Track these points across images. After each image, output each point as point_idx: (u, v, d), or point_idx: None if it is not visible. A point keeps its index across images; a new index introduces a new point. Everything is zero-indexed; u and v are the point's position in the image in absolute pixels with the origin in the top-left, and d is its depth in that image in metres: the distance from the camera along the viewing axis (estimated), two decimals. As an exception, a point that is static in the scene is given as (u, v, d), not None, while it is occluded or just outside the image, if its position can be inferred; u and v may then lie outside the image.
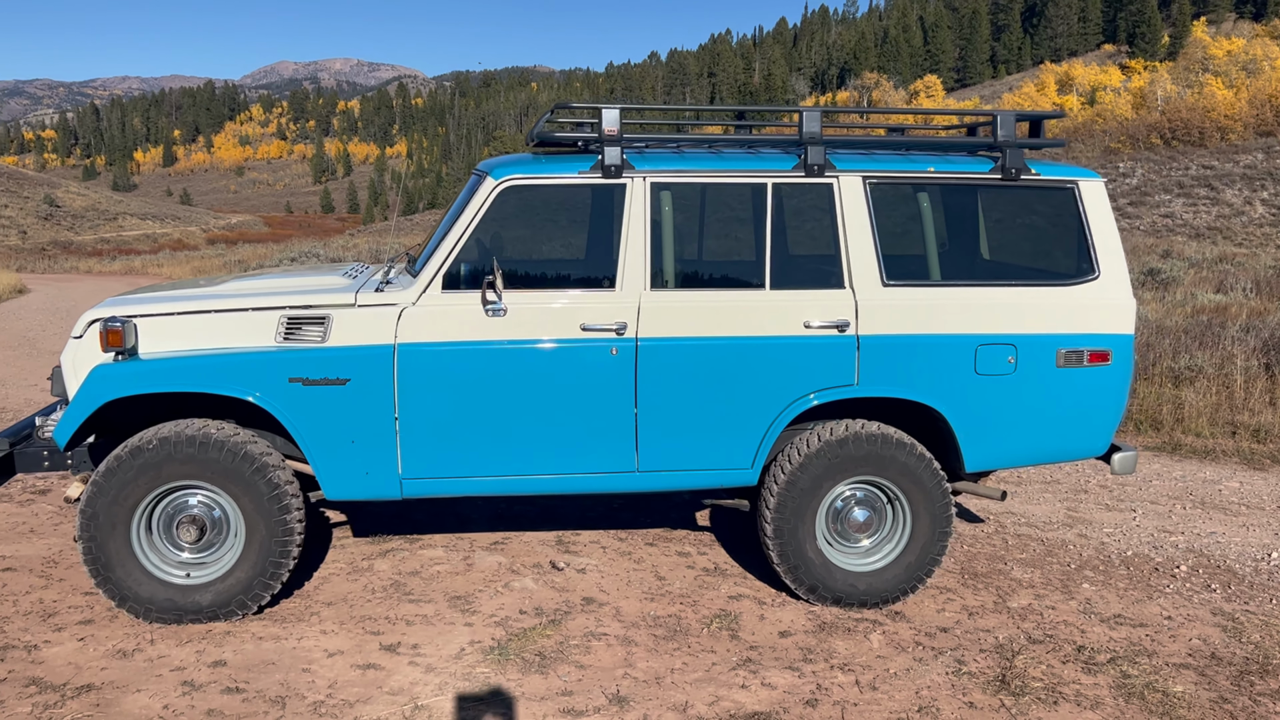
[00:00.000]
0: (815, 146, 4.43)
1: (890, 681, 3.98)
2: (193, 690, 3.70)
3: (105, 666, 3.87)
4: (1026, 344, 4.52)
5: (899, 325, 4.46)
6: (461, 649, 4.10)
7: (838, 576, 4.58)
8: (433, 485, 4.36)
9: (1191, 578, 5.23)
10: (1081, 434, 4.67)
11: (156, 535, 4.26)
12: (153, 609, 4.20)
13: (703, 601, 4.67)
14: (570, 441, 4.36)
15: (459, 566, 4.96)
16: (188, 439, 4.12)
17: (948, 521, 4.59)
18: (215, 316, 4.26)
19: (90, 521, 4.10)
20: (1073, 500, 6.61)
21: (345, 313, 4.24)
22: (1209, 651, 4.38)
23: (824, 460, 4.47)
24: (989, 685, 3.97)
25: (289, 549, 4.25)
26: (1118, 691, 3.97)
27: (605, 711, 3.65)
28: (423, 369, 4.22)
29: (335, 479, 4.28)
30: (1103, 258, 4.61)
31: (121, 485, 4.10)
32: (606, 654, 4.11)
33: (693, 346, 4.36)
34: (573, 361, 4.31)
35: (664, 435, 4.40)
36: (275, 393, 4.17)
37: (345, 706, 3.62)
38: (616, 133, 4.35)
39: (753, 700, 3.78)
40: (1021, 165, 4.53)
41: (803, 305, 4.43)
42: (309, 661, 3.96)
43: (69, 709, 3.54)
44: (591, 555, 5.18)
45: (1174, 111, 56.54)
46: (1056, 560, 5.41)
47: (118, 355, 4.16)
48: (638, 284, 4.36)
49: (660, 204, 4.40)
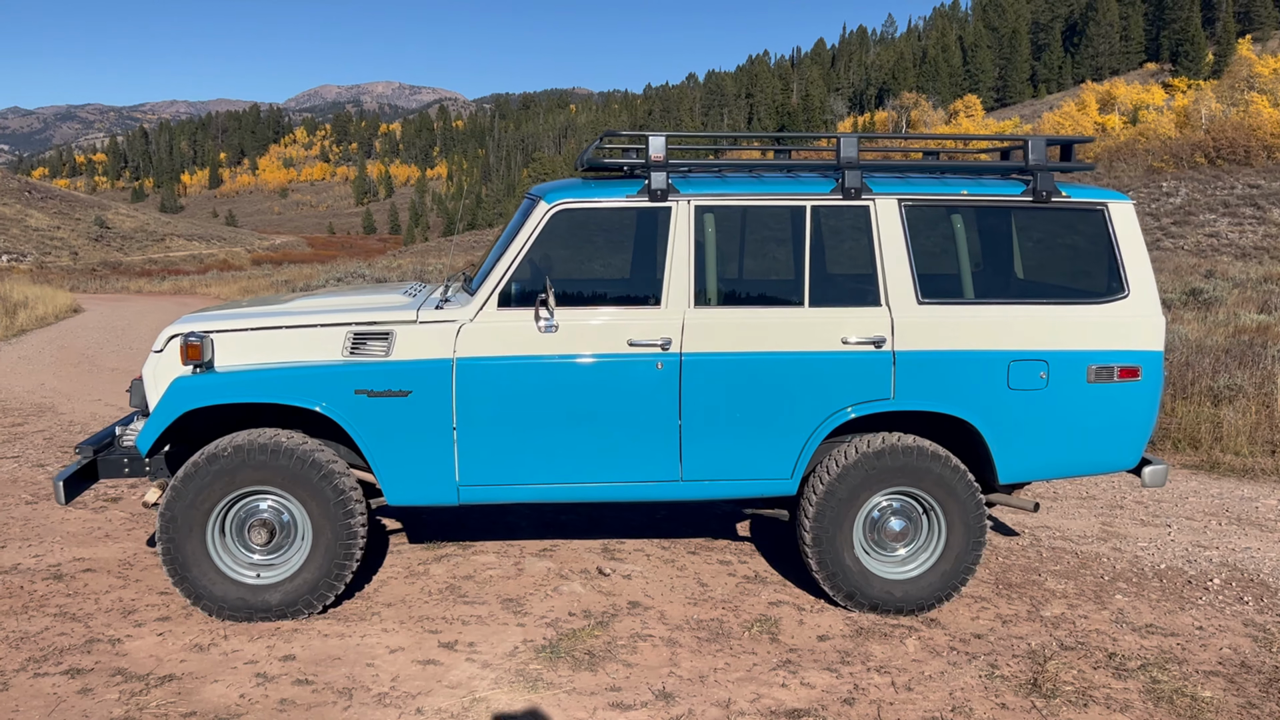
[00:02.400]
0: (852, 171, 4.64)
1: (925, 683, 4.15)
2: (266, 681, 3.95)
3: (184, 659, 4.13)
4: (1058, 360, 4.68)
5: (933, 341, 4.64)
6: (515, 647, 4.32)
7: (875, 584, 4.75)
8: (488, 492, 4.59)
9: (1224, 590, 5.34)
10: (1112, 448, 4.81)
11: (230, 538, 4.52)
12: (225, 607, 4.46)
13: (744, 607, 4.86)
14: (616, 451, 4.58)
15: (510, 571, 5.19)
16: (260, 447, 4.39)
17: (981, 531, 4.75)
18: (287, 332, 4.54)
19: (169, 524, 4.38)
20: (1108, 515, 6.72)
21: (408, 329, 4.50)
22: (1239, 660, 4.49)
23: (861, 471, 4.65)
24: (1021, 688, 4.13)
25: (352, 551, 4.50)
26: (1147, 696, 4.11)
27: (652, 706, 3.85)
28: (479, 382, 4.47)
29: (397, 486, 4.53)
30: (1132, 277, 4.77)
31: (199, 490, 4.38)
32: (652, 654, 4.31)
33: (734, 361, 4.57)
34: (620, 375, 4.53)
35: (706, 446, 4.61)
36: (342, 404, 4.43)
37: (408, 698, 3.85)
38: (663, 159, 4.59)
39: (792, 698, 3.96)
40: (1052, 188, 4.71)
41: (840, 322, 4.63)
42: (372, 657, 4.20)
43: (153, 696, 3.80)
44: (636, 562, 5.39)
45: (1219, 130, 56.00)
46: (1090, 572, 5.53)
47: (196, 368, 4.45)
48: (682, 301, 4.58)
49: (703, 225, 4.63)
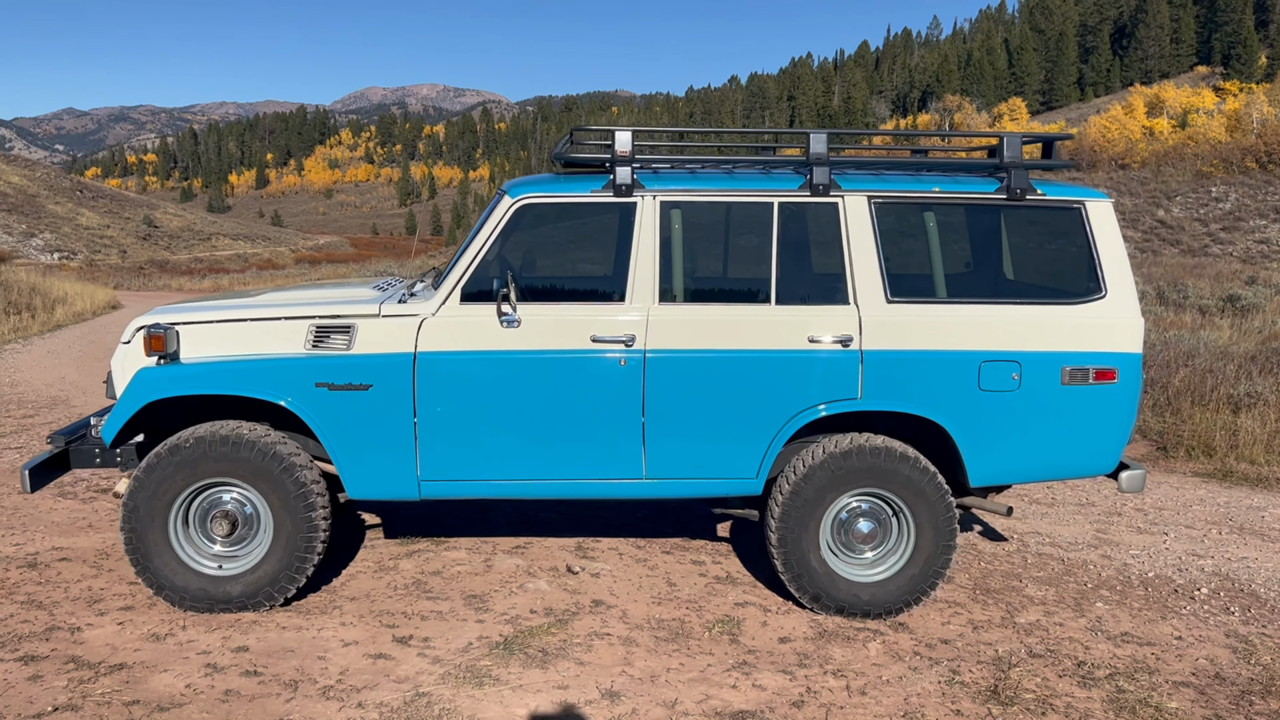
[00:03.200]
0: (821, 167, 4.57)
1: (880, 688, 4.07)
2: (214, 672, 3.96)
3: (139, 649, 4.15)
4: (1031, 361, 4.58)
5: (902, 341, 4.56)
6: (469, 643, 4.31)
7: (841, 586, 4.68)
8: (449, 488, 4.58)
9: (1211, 600, 5.20)
10: (1088, 451, 4.71)
11: (193, 529, 4.55)
12: (186, 598, 4.49)
13: (709, 607, 4.80)
14: (579, 448, 4.55)
15: (479, 568, 5.18)
16: (221, 439, 4.41)
17: (951, 535, 4.66)
18: (250, 325, 4.55)
19: (131, 514, 4.41)
20: (1104, 522, 6.57)
21: (369, 322, 4.50)
22: (1214, 671, 4.37)
23: (828, 472, 4.58)
24: (979, 695, 4.04)
25: (313, 544, 4.51)
26: (1110, 705, 4.01)
27: (596, 705, 3.81)
28: (440, 376, 4.46)
29: (358, 479, 4.53)
30: (1110, 277, 4.66)
31: (160, 480, 4.40)
32: (607, 652, 4.28)
33: (698, 359, 4.52)
34: (582, 371, 4.50)
35: (670, 444, 4.56)
36: (303, 397, 4.44)
37: (352, 691, 3.84)
38: (628, 153, 4.55)
39: (740, 700, 3.90)
40: (1026, 185, 4.61)
41: (807, 320, 4.56)
42: (325, 650, 4.20)
43: (100, 685, 3.83)
44: (608, 561, 5.35)
45: (1271, 134, 54.75)
46: (1074, 579, 5.42)
47: (160, 359, 4.48)
48: (646, 298, 4.54)
49: (670, 221, 4.59)
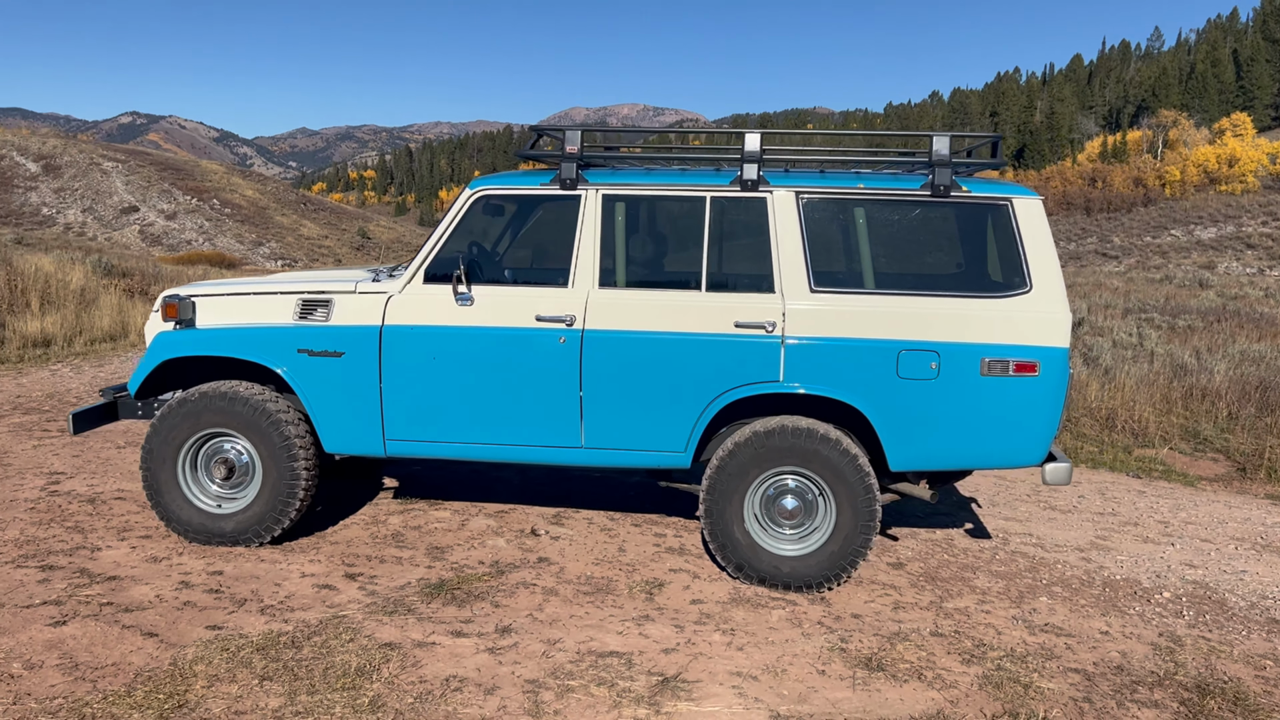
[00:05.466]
0: (750, 164, 4.90)
1: (760, 646, 4.35)
2: (185, 588, 4.66)
3: (135, 567, 4.91)
4: (949, 351, 4.75)
5: (824, 329, 4.82)
6: (408, 583, 4.85)
7: (764, 558, 4.96)
8: (410, 447, 5.15)
9: (1169, 604, 5.15)
10: (1009, 442, 4.81)
11: (200, 471, 5.30)
12: (190, 530, 5.23)
13: (644, 570, 5.18)
14: (524, 417, 5.03)
15: (454, 525, 5.74)
16: (220, 394, 5.14)
17: (871, 516, 4.86)
18: (252, 298, 5.28)
19: (148, 456, 5.20)
20: (1113, 530, 6.49)
21: (345, 298, 5.14)
22: (1118, 663, 4.41)
23: (751, 449, 4.89)
24: (853, 660, 4.25)
25: (295, 491, 5.17)
26: (981, 680, 4.14)
27: (486, 637, 4.28)
28: (401, 347, 5.04)
29: (331, 435, 5.17)
30: (1036, 272, 4.76)
31: (170, 428, 5.17)
32: (526, 599, 4.73)
33: (632, 339, 4.92)
34: (526, 346, 4.98)
35: (605, 416, 4.98)
36: (287, 360, 5.12)
37: (286, 611, 4.46)
38: (576, 151, 5.01)
39: (618, 644, 4.28)
40: (950, 182, 4.79)
41: (734, 307, 4.89)
42: (284, 579, 4.84)
43: (91, 590, 4.58)
44: (575, 528, 5.80)
45: None
46: (1032, 576, 5.46)
47: (177, 325, 5.26)
48: (587, 282, 4.99)
49: (612, 213, 5.02)
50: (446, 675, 3.90)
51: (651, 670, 4.04)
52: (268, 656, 3.96)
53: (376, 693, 3.72)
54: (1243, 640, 4.77)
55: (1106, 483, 7.86)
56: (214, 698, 3.62)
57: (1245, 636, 4.83)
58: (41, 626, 4.15)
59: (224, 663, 3.89)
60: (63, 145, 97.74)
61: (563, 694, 3.80)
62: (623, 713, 3.68)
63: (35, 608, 4.35)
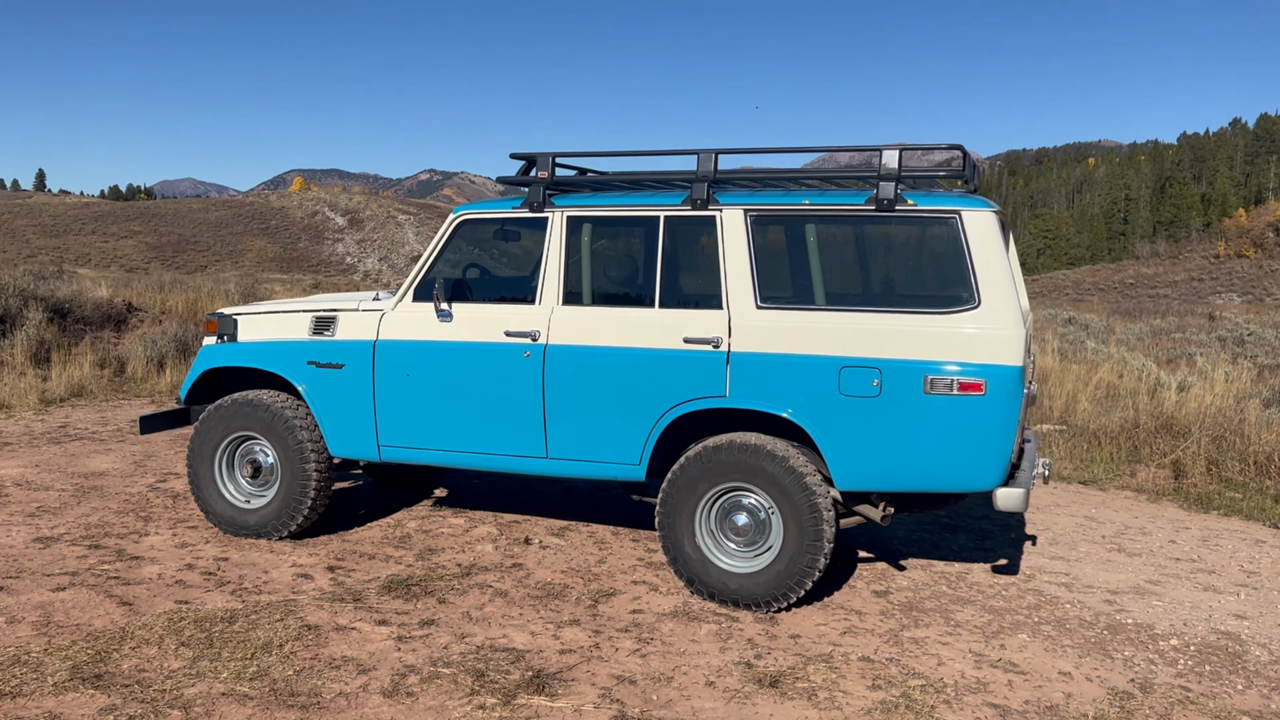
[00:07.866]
0: (700, 184, 4.99)
1: (665, 655, 4.38)
2: (186, 569, 5.26)
3: (162, 550, 5.57)
4: (891, 368, 4.62)
5: (768, 344, 4.82)
6: (376, 578, 5.23)
7: (713, 573, 4.97)
8: (402, 453, 5.55)
9: (1168, 652, 4.69)
10: (956, 463, 4.59)
11: (236, 470, 5.94)
12: (221, 522, 5.87)
13: (605, 581, 5.29)
14: (495, 427, 5.32)
15: (459, 532, 6.07)
16: (247, 401, 5.77)
17: (817, 536, 4.76)
18: (281, 316, 5.89)
19: (191, 454, 5.90)
20: (1180, 577, 5.89)
21: (348, 315, 5.64)
22: (1051, 704, 4.11)
23: (700, 464, 4.94)
24: (753, 677, 4.17)
25: (307, 491, 5.69)
26: (874, 706, 3.98)
27: (407, 627, 4.56)
28: (391, 360, 5.47)
29: (335, 441, 5.66)
30: (985, 287, 4.55)
31: (209, 430, 5.85)
32: (473, 599, 4.98)
33: (589, 353, 5.11)
34: (496, 360, 5.28)
35: (567, 428, 5.18)
36: (299, 371, 5.67)
37: (255, 592, 4.93)
38: (546, 176, 5.29)
39: (524, 643, 4.44)
40: (893, 196, 4.67)
41: (683, 322, 4.98)
42: (274, 568, 5.34)
43: (112, 566, 5.26)
44: (571, 539, 5.98)
45: None
46: (1027, 615, 5.11)
47: (219, 339, 5.96)
48: (552, 299, 5.23)
49: (576, 234, 5.24)
50: (341, 655, 4.22)
51: (533, 668, 4.18)
52: (200, 628, 4.43)
53: (268, 664, 4.09)
54: (1231, 694, 4.30)
55: (1226, 530, 7.11)
56: (129, 657, 4.12)
57: (1239, 691, 4.35)
58: (45, 591, 4.84)
59: (160, 630, 4.40)
60: (366, 201, 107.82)
61: (429, 679, 4.02)
62: (475, 700, 3.86)
63: (53, 576, 5.06)
